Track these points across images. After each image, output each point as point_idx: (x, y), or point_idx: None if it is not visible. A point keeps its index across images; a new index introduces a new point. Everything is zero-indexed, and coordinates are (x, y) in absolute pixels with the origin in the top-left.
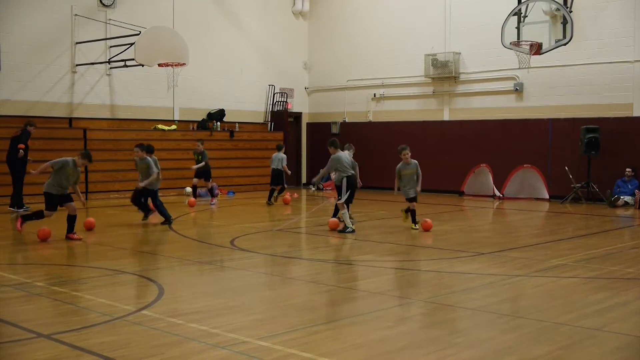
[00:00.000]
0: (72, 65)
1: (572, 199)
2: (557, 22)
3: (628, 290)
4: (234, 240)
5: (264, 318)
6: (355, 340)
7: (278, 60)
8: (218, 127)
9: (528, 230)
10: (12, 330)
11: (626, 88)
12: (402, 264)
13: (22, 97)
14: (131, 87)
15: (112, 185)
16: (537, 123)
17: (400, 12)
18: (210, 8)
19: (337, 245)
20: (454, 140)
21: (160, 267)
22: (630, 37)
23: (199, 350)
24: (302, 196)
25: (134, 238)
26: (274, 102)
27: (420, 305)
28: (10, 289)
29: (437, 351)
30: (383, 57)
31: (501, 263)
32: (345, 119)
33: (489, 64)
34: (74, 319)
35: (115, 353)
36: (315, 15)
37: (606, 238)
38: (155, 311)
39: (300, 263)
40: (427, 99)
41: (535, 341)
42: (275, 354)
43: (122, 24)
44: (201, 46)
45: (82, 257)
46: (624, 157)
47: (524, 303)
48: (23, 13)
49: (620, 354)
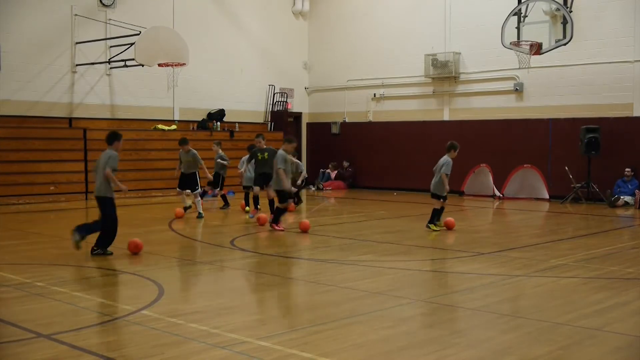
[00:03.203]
0: (72, 65)
1: (572, 199)
2: (557, 22)
3: (628, 290)
4: (234, 240)
5: (264, 318)
6: (355, 340)
7: (278, 60)
8: (218, 127)
9: (528, 230)
10: (12, 330)
11: (626, 88)
12: (402, 264)
13: (22, 97)
14: (131, 87)
15: None
16: (537, 123)
17: (400, 12)
18: (210, 8)
19: (337, 245)
20: (454, 140)
21: (160, 267)
22: (630, 37)
23: (199, 350)
24: (302, 196)
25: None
26: (274, 102)
27: (420, 305)
28: (10, 289)
29: (437, 351)
30: (383, 57)
31: (501, 263)
32: (345, 119)
33: (489, 64)
34: (74, 319)
35: (115, 353)
36: (315, 15)
37: (606, 238)
38: (155, 311)
39: (300, 263)
40: (427, 99)
41: (535, 341)
42: (275, 354)
43: (122, 24)
44: (201, 46)
45: (82, 257)
46: (624, 157)
47: (524, 303)
48: (23, 13)
49: (620, 354)
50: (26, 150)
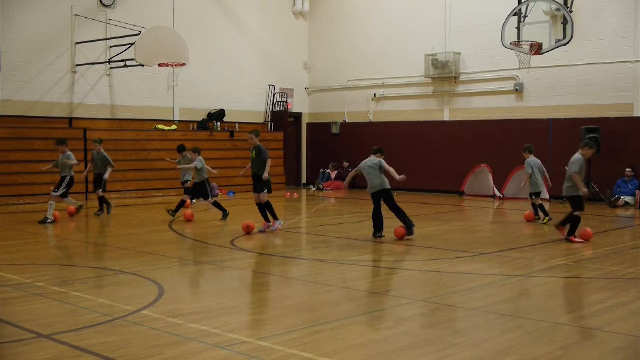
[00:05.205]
0: (72, 65)
1: None
2: (557, 22)
3: (628, 290)
4: (234, 240)
5: (264, 318)
6: (355, 340)
7: (278, 60)
8: (218, 127)
9: (528, 230)
10: (12, 330)
11: (626, 88)
12: (401, 264)
13: (22, 97)
14: (131, 87)
15: (112, 185)
16: (537, 123)
17: (400, 12)
18: (210, 8)
19: (337, 246)
20: (454, 140)
21: (160, 267)
22: (630, 37)
23: (199, 350)
24: (302, 196)
25: (134, 238)
26: (274, 102)
27: (420, 305)
28: (10, 289)
29: (437, 351)
30: (383, 57)
31: (501, 263)
32: (345, 119)
33: (489, 64)
34: (74, 319)
35: (115, 353)
36: (315, 15)
37: (606, 238)
38: (155, 311)
39: (300, 263)
40: (427, 99)
41: (535, 341)
42: (275, 354)
43: (122, 24)
44: (201, 46)
45: (82, 257)
46: (624, 157)
47: (524, 303)
48: (23, 13)
49: (620, 354)
50: (26, 150)
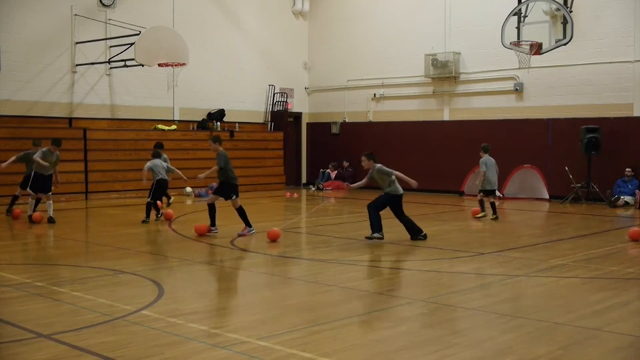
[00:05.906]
0: (72, 65)
1: (572, 199)
2: (557, 22)
3: (628, 290)
4: (234, 240)
5: (264, 318)
6: (355, 340)
7: (278, 60)
8: (218, 127)
9: (528, 230)
10: (12, 330)
11: (626, 88)
12: (402, 264)
13: (22, 97)
14: (131, 87)
15: (112, 185)
16: (537, 123)
17: (400, 12)
18: (210, 8)
19: (337, 245)
20: (454, 140)
21: (160, 267)
22: (630, 37)
23: (199, 350)
24: (302, 196)
25: (134, 238)
26: (274, 102)
27: (420, 305)
28: (10, 289)
29: (437, 351)
30: (383, 57)
31: (501, 263)
32: (345, 119)
33: (489, 64)
34: (74, 319)
35: (115, 353)
36: (315, 15)
37: (606, 238)
38: (155, 311)
39: (300, 263)
40: (427, 99)
41: (535, 341)
42: (275, 354)
43: (122, 24)
44: (201, 46)
45: (82, 257)
46: (624, 157)
47: (524, 303)
48: (23, 13)
49: (620, 354)
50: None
